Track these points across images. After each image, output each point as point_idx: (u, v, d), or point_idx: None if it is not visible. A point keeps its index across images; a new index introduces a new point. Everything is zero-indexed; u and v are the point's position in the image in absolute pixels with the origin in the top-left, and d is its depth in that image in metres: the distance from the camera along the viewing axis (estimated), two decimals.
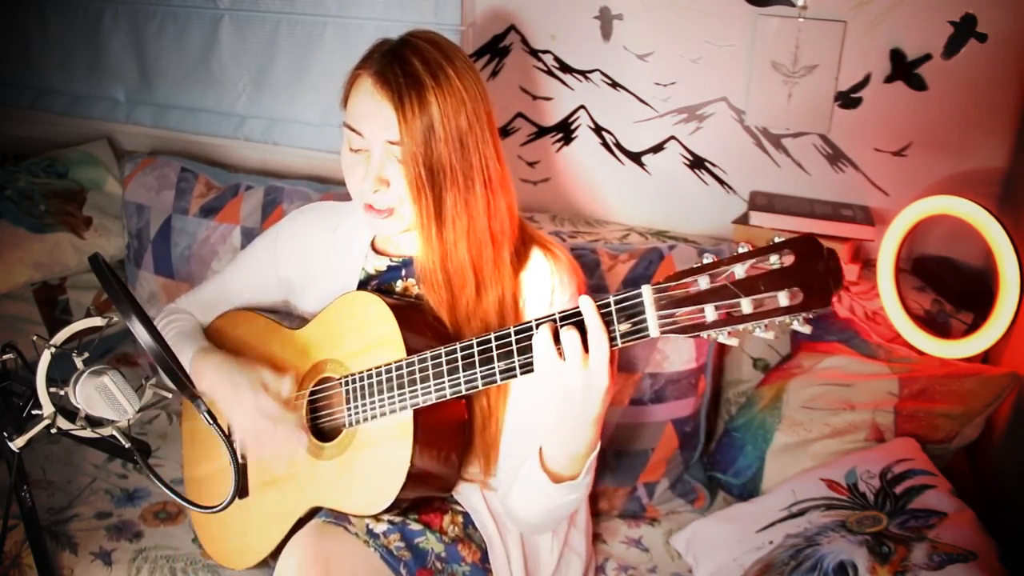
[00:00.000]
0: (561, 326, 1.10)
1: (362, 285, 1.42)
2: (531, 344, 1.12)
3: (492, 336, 1.17)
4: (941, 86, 1.73)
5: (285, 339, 1.44)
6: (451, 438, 1.31)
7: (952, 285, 1.75)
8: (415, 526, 1.32)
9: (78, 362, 1.13)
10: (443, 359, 1.21)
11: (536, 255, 1.33)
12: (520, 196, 2.10)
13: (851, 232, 1.77)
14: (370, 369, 1.28)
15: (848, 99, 1.80)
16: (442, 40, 1.27)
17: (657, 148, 1.97)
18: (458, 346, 1.20)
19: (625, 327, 1.05)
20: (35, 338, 1.15)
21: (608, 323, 1.06)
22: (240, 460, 1.34)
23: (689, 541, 1.54)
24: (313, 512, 1.35)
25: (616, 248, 1.79)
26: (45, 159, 2.28)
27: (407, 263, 1.39)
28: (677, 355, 1.67)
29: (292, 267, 1.50)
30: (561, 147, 2.05)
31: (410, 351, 1.26)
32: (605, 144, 2.02)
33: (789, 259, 0.94)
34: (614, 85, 1.96)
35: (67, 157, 2.30)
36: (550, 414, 1.17)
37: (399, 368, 1.25)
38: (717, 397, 1.80)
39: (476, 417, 1.32)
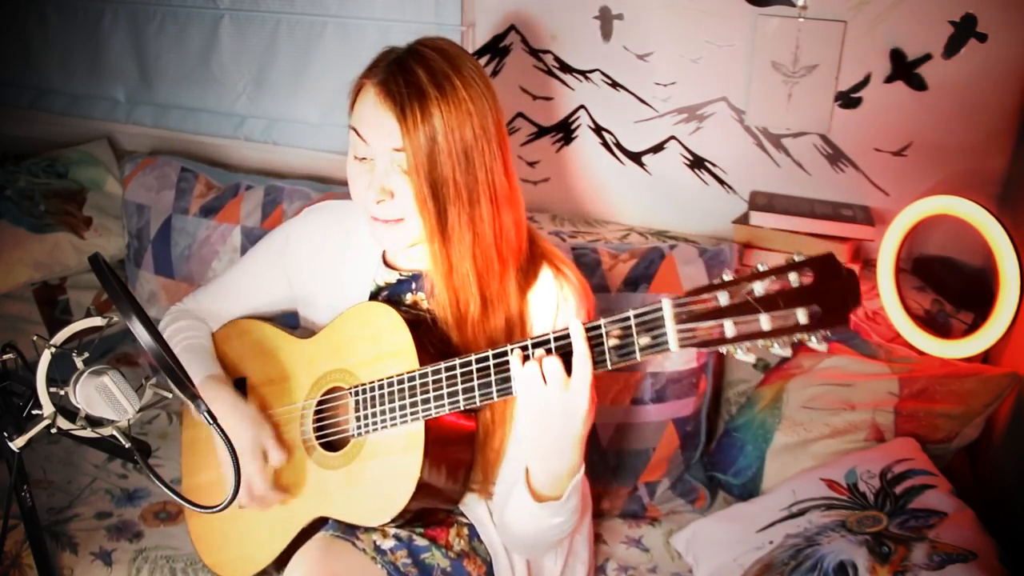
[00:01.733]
0: (546, 350, 1.11)
1: (372, 297, 1.40)
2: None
3: (489, 353, 1.17)
4: (941, 86, 1.73)
5: (294, 349, 1.42)
6: (459, 451, 1.30)
7: (952, 285, 1.75)
8: (421, 541, 1.31)
9: (78, 362, 1.13)
10: (457, 371, 1.20)
11: (545, 274, 1.31)
12: None
13: (851, 232, 1.77)
14: (382, 379, 1.27)
15: (848, 99, 1.80)
16: (451, 48, 1.24)
17: (657, 148, 1.97)
18: (473, 358, 1.19)
19: (645, 340, 1.06)
20: (35, 338, 1.15)
21: (627, 337, 1.07)
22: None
23: (689, 541, 1.54)
24: (317, 522, 1.34)
25: (617, 247, 1.79)
26: (45, 159, 2.28)
27: (416, 277, 1.37)
28: (678, 355, 1.67)
29: (303, 268, 1.48)
30: (561, 147, 2.05)
31: (422, 363, 1.24)
32: (605, 144, 2.02)
33: (808, 278, 0.95)
34: (614, 85, 1.96)
35: (67, 157, 2.30)
36: (531, 432, 1.17)
37: (411, 379, 1.24)
38: (717, 397, 1.80)
39: (479, 432, 1.31)
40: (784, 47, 1.79)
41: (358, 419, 1.30)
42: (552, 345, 1.13)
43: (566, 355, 1.11)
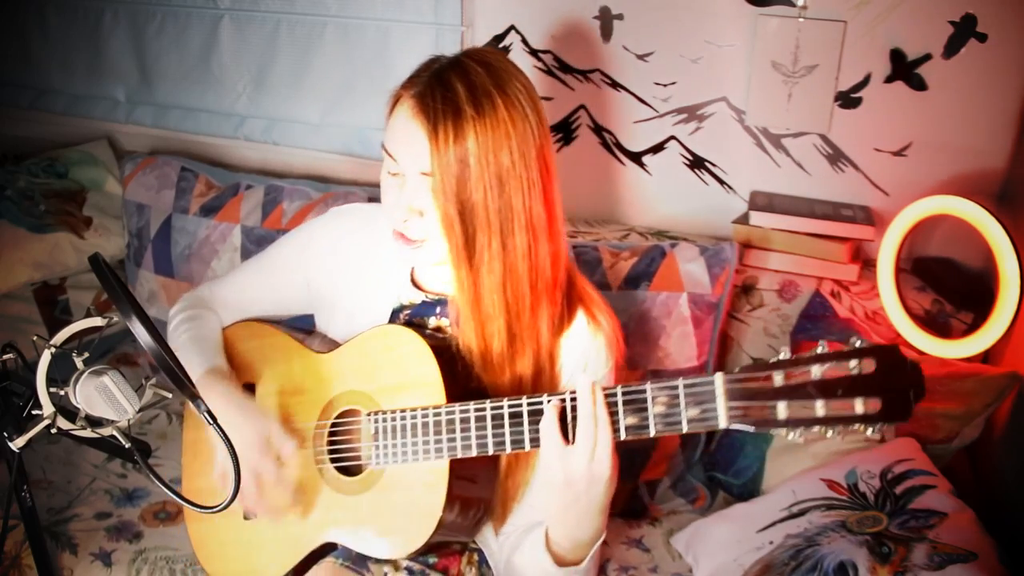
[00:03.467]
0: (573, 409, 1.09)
1: (394, 314, 1.35)
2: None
3: (524, 400, 1.14)
4: (941, 86, 1.73)
5: (308, 362, 1.37)
6: (480, 488, 1.27)
7: (952, 285, 1.75)
8: (433, 573, 1.28)
9: (78, 362, 1.13)
10: (488, 414, 1.16)
11: (579, 320, 1.25)
12: None
13: (851, 232, 1.77)
14: (404, 409, 1.23)
15: (848, 99, 1.80)
16: (499, 64, 1.16)
17: (657, 148, 1.97)
18: (506, 404, 1.15)
19: (693, 412, 1.03)
20: (35, 338, 1.15)
21: (675, 406, 1.04)
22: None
23: (689, 541, 1.54)
24: (326, 546, 1.31)
25: (618, 246, 1.79)
26: (45, 159, 2.28)
27: (443, 302, 1.32)
28: (679, 353, 1.67)
29: (324, 274, 1.42)
30: (561, 147, 2.05)
31: (449, 397, 1.20)
32: (605, 144, 2.02)
33: (870, 366, 0.92)
34: (614, 85, 1.96)
35: (67, 157, 2.30)
36: (554, 499, 1.13)
37: (437, 414, 1.19)
38: None
39: (502, 470, 1.28)
40: (784, 47, 1.79)
41: (377, 448, 1.25)
42: (568, 405, 1.10)
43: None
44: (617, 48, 1.93)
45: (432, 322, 1.33)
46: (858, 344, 0.94)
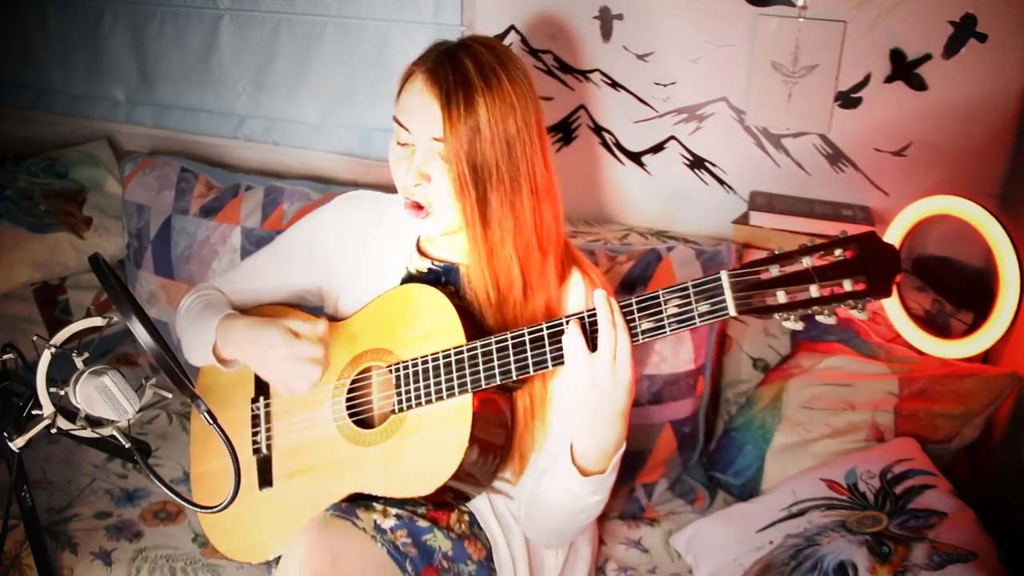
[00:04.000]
0: (591, 324, 1.17)
1: (404, 283, 1.41)
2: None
3: (543, 325, 1.21)
4: (941, 86, 1.73)
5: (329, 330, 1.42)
6: (498, 433, 1.32)
7: (952, 285, 1.75)
8: (423, 523, 1.32)
9: (78, 362, 1.13)
10: (509, 344, 1.22)
11: (575, 276, 1.35)
12: None
13: (851, 232, 1.76)
14: (425, 355, 1.29)
15: (848, 99, 1.80)
16: (500, 47, 1.27)
17: (657, 148, 1.97)
18: (526, 331, 1.22)
19: (704, 307, 1.11)
20: (35, 338, 1.15)
21: (686, 304, 1.12)
22: (242, 457, 1.34)
23: (689, 541, 1.54)
24: (350, 499, 1.34)
25: (615, 249, 1.79)
26: (45, 159, 2.28)
27: (448, 269, 1.38)
28: (675, 357, 1.67)
29: (332, 258, 1.49)
30: (561, 147, 2.05)
31: (469, 339, 1.26)
32: (605, 144, 2.02)
33: (853, 251, 1.04)
34: (614, 85, 1.96)
35: (67, 157, 2.30)
36: (582, 405, 1.19)
37: (459, 353, 1.26)
38: (717, 397, 1.80)
39: (518, 419, 1.33)
40: (784, 47, 1.79)
41: (399, 395, 1.31)
42: (586, 321, 1.18)
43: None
44: (617, 48, 1.93)
45: None
46: (841, 235, 1.06)
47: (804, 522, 1.41)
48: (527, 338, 1.22)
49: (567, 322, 1.19)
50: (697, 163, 1.95)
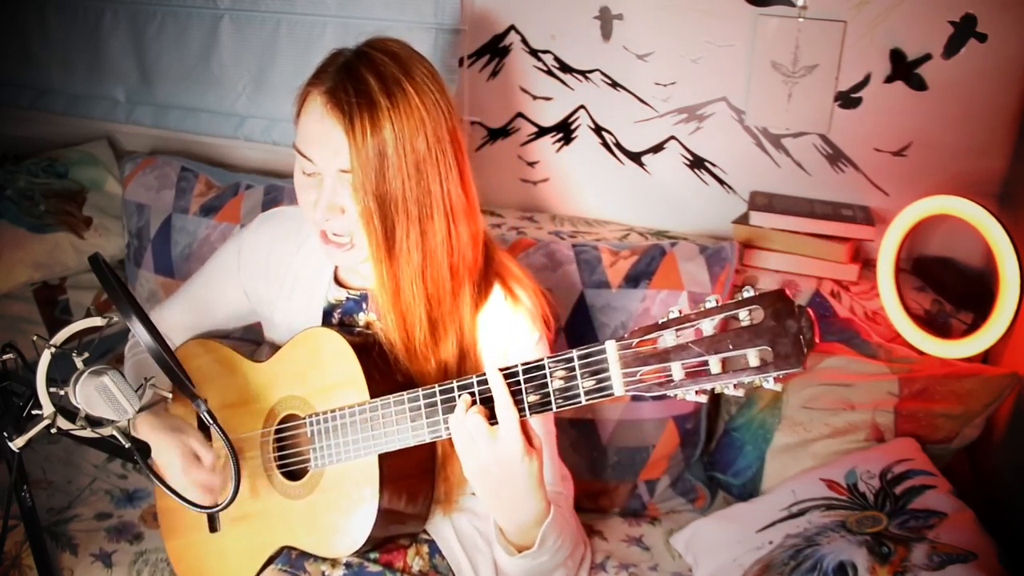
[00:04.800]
0: (471, 394, 1.09)
1: (327, 313, 1.37)
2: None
3: (436, 388, 1.14)
4: (941, 86, 1.73)
5: (249, 372, 1.39)
6: (418, 479, 1.28)
7: (952, 285, 1.75)
8: (373, 568, 1.28)
9: (78, 362, 1.13)
10: (406, 405, 1.16)
11: (495, 295, 1.26)
12: (520, 196, 2.12)
13: (851, 232, 1.77)
14: (334, 409, 1.24)
15: (848, 99, 1.80)
16: (402, 50, 1.18)
17: (657, 148, 1.97)
18: (421, 393, 1.15)
19: (590, 384, 1.02)
20: (35, 338, 1.15)
21: (571, 379, 1.03)
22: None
23: (689, 541, 1.54)
24: (283, 549, 1.32)
25: (618, 245, 1.79)
26: (45, 159, 2.28)
27: (366, 297, 1.33)
28: None
29: (257, 282, 1.44)
30: (561, 147, 2.05)
31: (373, 393, 1.21)
32: (605, 144, 2.02)
33: (759, 315, 0.90)
34: (614, 85, 1.96)
35: (67, 157, 2.30)
36: (479, 489, 1.13)
37: (363, 411, 1.21)
38: (717, 397, 1.80)
39: (438, 456, 1.29)
40: (784, 47, 1.79)
41: (314, 450, 1.27)
42: (476, 390, 1.10)
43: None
44: (617, 48, 1.93)
45: (361, 318, 1.34)
46: (745, 294, 0.91)
47: (804, 522, 1.41)
48: (422, 401, 1.14)
49: (458, 395, 1.10)
50: (697, 163, 1.95)
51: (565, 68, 1.99)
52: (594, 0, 1.91)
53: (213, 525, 1.41)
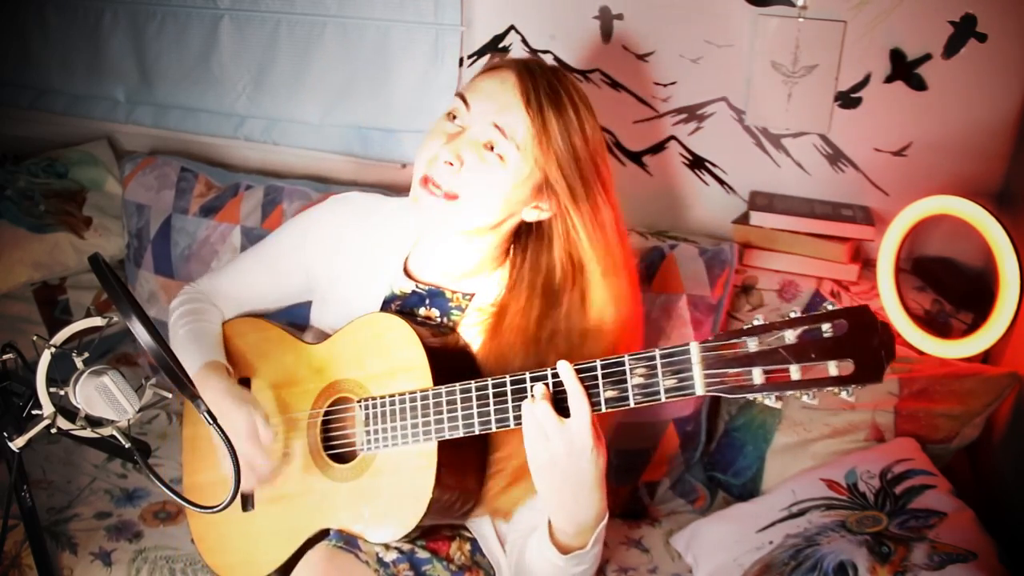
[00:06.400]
0: (554, 387, 1.11)
1: (385, 303, 1.38)
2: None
3: (507, 378, 1.16)
4: (941, 86, 1.73)
5: (301, 353, 1.40)
6: (470, 474, 1.28)
7: (952, 285, 1.75)
8: (423, 554, 1.29)
9: (78, 362, 1.13)
10: (472, 393, 1.18)
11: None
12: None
13: (851, 232, 1.77)
14: (393, 394, 1.25)
15: (848, 99, 1.80)
16: (569, 74, 1.30)
17: (657, 148, 1.97)
18: (490, 381, 1.17)
19: (671, 382, 1.05)
20: (35, 338, 1.15)
21: (652, 376, 1.06)
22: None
23: (689, 541, 1.54)
24: (322, 533, 1.32)
25: None
26: (45, 159, 2.28)
27: (433, 293, 1.35)
28: None
29: (320, 262, 1.45)
30: None
31: (435, 381, 1.22)
32: (605, 144, 2.01)
33: (841, 329, 0.93)
34: (614, 85, 1.96)
35: (67, 157, 2.29)
36: (544, 482, 1.14)
37: (424, 397, 1.22)
38: (717, 397, 1.79)
39: (491, 454, 1.29)
40: (784, 47, 1.79)
41: (367, 433, 1.28)
42: (550, 382, 1.12)
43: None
44: (617, 48, 1.93)
45: (421, 311, 1.36)
46: (829, 307, 0.96)
47: (804, 522, 1.41)
48: (490, 390, 1.17)
49: (531, 386, 1.12)
50: (697, 163, 1.95)
51: (565, 68, 1.98)
52: (594, 0, 1.91)
53: (246, 504, 1.41)
